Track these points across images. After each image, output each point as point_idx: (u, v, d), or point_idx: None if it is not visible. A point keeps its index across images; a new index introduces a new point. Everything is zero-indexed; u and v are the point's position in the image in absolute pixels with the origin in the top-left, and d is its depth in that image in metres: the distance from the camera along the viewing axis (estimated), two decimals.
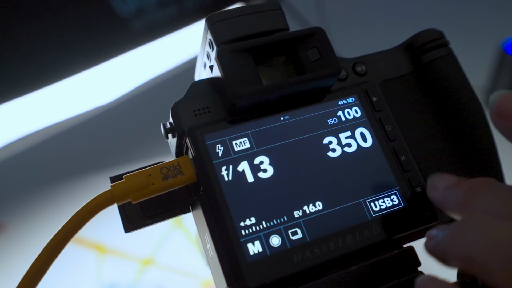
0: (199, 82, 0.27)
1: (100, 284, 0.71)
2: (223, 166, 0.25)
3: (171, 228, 0.77)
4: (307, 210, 0.25)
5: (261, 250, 0.23)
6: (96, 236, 0.76)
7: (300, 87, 0.26)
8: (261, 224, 0.24)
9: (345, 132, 0.27)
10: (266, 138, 0.26)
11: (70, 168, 0.82)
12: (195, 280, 0.72)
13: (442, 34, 0.29)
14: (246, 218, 0.24)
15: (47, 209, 0.77)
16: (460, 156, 0.28)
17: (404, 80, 0.30)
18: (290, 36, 0.27)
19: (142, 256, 0.74)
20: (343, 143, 0.27)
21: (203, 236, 0.26)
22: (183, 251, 0.74)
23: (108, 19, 0.69)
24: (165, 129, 0.26)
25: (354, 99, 0.28)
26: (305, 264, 0.23)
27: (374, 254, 0.25)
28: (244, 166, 0.25)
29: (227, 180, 0.25)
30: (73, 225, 0.23)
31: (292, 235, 0.24)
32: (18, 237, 0.75)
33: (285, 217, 0.24)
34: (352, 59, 0.30)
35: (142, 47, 0.75)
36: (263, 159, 0.26)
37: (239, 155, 0.25)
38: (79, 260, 0.73)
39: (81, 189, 0.78)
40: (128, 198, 0.25)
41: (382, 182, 0.26)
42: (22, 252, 0.72)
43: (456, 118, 0.28)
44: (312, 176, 0.26)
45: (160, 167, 0.25)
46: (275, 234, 0.24)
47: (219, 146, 0.25)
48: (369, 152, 0.27)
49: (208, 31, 0.27)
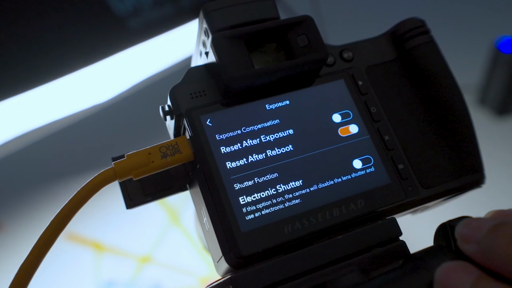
0: (195, 68, 0.29)
1: (98, 282, 0.72)
2: (217, 144, 0.26)
3: (169, 225, 0.77)
4: (296, 184, 0.26)
5: (254, 221, 0.25)
6: (93, 234, 0.76)
7: (290, 71, 0.28)
8: (254, 196, 0.26)
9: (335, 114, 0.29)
10: (257, 118, 0.28)
11: (67, 167, 0.82)
12: (192, 277, 0.72)
13: (423, 22, 0.31)
14: (240, 191, 0.26)
15: (44, 208, 0.77)
16: (441, 137, 0.30)
17: (389, 66, 0.31)
18: (280, 24, 0.28)
19: (140, 254, 0.74)
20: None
21: (200, 211, 0.28)
22: (180, 249, 0.75)
23: (105, 18, 0.70)
24: (164, 111, 0.28)
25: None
26: (295, 234, 0.25)
27: (359, 225, 0.26)
28: (237, 140, 0.27)
29: (221, 157, 0.26)
30: (77, 200, 0.25)
31: (283, 207, 0.26)
32: (16, 235, 0.75)
33: (276, 191, 0.26)
34: (340, 46, 0.31)
35: (139, 45, 0.76)
36: (254, 137, 0.27)
37: (233, 132, 0.27)
38: (77, 258, 0.73)
39: (78, 187, 0.78)
40: (130, 175, 0.26)
41: (367, 160, 0.28)
42: (20, 251, 0.72)
43: (436, 101, 0.30)
44: (300, 150, 0.27)
45: (159, 146, 0.27)
46: (267, 207, 0.26)
47: (214, 126, 0.27)
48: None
49: (204, 20, 0.29)
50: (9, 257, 0.73)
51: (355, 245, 0.25)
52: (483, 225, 0.21)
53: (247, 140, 0.27)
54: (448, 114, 0.30)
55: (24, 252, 0.24)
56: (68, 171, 0.81)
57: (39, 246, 0.24)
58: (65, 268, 0.72)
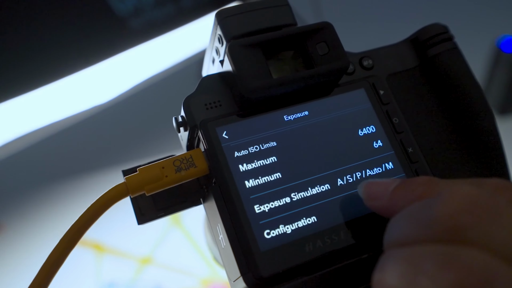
0: (209, 77, 0.28)
1: (99, 283, 0.71)
2: (235, 161, 0.25)
3: (170, 226, 0.77)
4: (318, 200, 0.25)
5: (274, 240, 0.24)
6: (94, 235, 0.75)
7: (309, 80, 0.27)
8: (273, 214, 0.24)
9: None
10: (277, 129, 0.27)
11: (68, 168, 0.81)
12: (193, 279, 0.72)
13: (446, 29, 0.30)
14: (259, 208, 0.24)
15: (45, 209, 0.76)
16: (465, 149, 0.29)
17: (410, 73, 0.30)
18: (299, 31, 0.27)
19: (140, 255, 0.74)
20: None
21: (215, 227, 0.27)
22: (181, 250, 0.74)
23: (106, 18, 0.69)
24: (177, 122, 0.27)
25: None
26: (316, 253, 0.24)
27: None
28: (255, 157, 0.26)
29: (239, 172, 0.25)
30: (89, 217, 0.24)
31: (304, 225, 0.25)
32: (16, 237, 0.74)
33: (297, 208, 0.25)
34: (359, 53, 0.30)
35: (140, 46, 0.75)
36: (274, 150, 0.26)
37: (251, 147, 0.26)
38: (78, 259, 0.73)
39: (79, 189, 0.78)
40: (142, 190, 0.25)
41: (390, 174, 0.27)
42: (20, 252, 0.71)
43: (462, 112, 0.29)
44: (322, 166, 0.26)
45: (173, 160, 0.26)
46: (287, 224, 0.24)
47: (230, 139, 0.26)
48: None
49: (218, 26, 0.27)
50: (9, 259, 0.72)
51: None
52: (388, 184, 0.22)
53: (266, 158, 0.26)
54: (474, 126, 0.29)
55: (23, 253, 0.23)
56: (68, 172, 0.80)
57: (49, 264, 0.23)
58: (66, 269, 0.71)
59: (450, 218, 0.16)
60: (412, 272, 0.16)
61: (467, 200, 0.17)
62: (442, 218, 0.16)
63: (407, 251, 0.17)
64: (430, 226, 0.17)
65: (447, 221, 0.16)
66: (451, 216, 0.16)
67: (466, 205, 0.16)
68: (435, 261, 0.16)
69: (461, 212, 0.16)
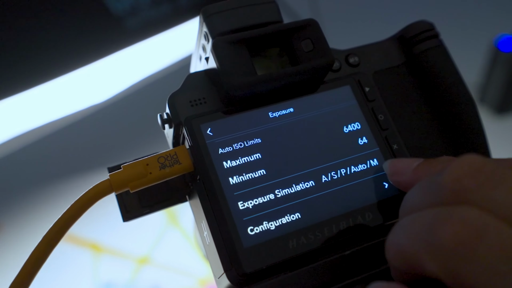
0: (195, 74, 0.28)
1: (96, 283, 0.71)
2: (219, 158, 0.25)
3: (167, 226, 0.77)
4: (302, 196, 0.25)
5: (257, 236, 0.24)
6: (91, 235, 0.75)
7: (295, 77, 0.27)
8: (257, 211, 0.24)
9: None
10: (262, 126, 0.27)
11: (65, 167, 0.81)
12: (191, 279, 0.71)
13: (432, 26, 0.30)
14: (243, 205, 0.24)
15: (42, 208, 0.76)
16: (452, 145, 0.29)
17: (397, 70, 0.30)
18: (284, 28, 0.27)
19: (138, 255, 0.74)
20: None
21: (200, 224, 0.27)
22: (179, 250, 0.74)
23: (102, 17, 0.69)
24: (162, 119, 0.27)
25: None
26: (300, 249, 0.24)
27: (367, 239, 0.25)
28: (240, 154, 0.26)
29: (223, 168, 0.25)
30: (72, 213, 0.24)
31: (287, 222, 0.25)
32: (13, 236, 0.74)
33: (281, 204, 0.25)
34: (345, 50, 0.30)
35: (136, 45, 0.75)
36: (259, 147, 0.26)
37: (235, 144, 0.26)
38: (75, 259, 0.73)
39: (76, 188, 0.78)
40: (126, 187, 0.25)
41: (375, 171, 0.27)
42: (17, 252, 0.71)
43: (447, 108, 0.29)
44: (307, 163, 0.26)
45: (157, 156, 0.26)
46: (271, 221, 0.24)
47: (215, 136, 0.26)
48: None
49: (204, 23, 0.27)
50: (6, 258, 0.72)
51: (363, 261, 0.24)
52: (412, 161, 0.23)
53: (250, 155, 0.26)
54: (459, 123, 0.29)
55: (20, 252, 0.23)
56: (65, 171, 0.80)
57: (31, 263, 0.23)
58: (63, 269, 0.72)
59: (455, 182, 0.18)
60: (417, 232, 0.17)
61: (472, 167, 0.18)
62: (448, 183, 0.18)
63: (415, 215, 0.18)
64: (437, 192, 0.18)
65: (451, 185, 0.18)
66: (456, 180, 0.18)
67: (471, 171, 0.18)
68: (437, 218, 0.17)
69: (465, 176, 0.18)
